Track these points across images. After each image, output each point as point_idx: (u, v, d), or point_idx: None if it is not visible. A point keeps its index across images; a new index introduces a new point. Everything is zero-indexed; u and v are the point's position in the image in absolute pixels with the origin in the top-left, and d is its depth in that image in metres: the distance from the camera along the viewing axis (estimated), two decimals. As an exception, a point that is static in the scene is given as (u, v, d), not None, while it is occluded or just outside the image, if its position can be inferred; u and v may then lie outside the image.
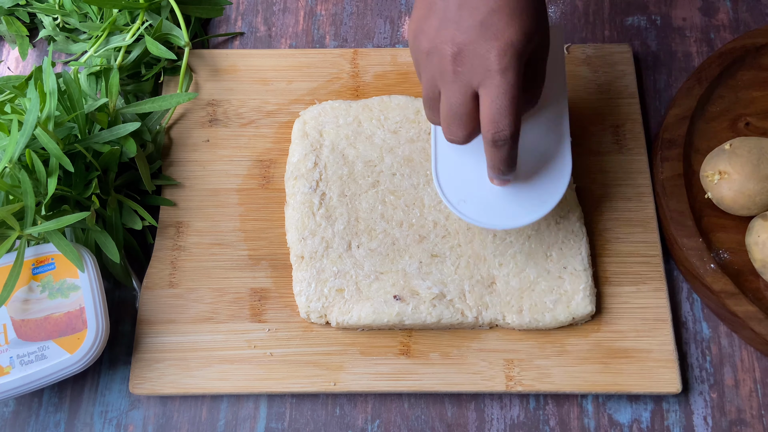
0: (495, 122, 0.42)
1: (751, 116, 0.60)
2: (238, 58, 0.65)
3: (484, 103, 0.42)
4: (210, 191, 0.60)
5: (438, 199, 0.57)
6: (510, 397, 0.55)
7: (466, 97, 0.43)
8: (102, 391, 0.56)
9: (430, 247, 0.56)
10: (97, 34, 0.63)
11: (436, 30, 0.43)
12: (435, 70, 0.44)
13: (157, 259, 0.58)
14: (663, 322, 0.55)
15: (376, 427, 0.55)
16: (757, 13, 0.67)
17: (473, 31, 0.41)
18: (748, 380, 0.55)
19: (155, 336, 0.56)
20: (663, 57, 0.66)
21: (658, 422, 0.54)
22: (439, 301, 0.54)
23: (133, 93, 0.63)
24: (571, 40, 0.67)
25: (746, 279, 0.55)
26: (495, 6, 0.41)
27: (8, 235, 0.51)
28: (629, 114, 0.62)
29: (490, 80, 0.41)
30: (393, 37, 0.68)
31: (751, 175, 0.55)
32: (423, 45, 0.44)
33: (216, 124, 0.63)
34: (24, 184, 0.50)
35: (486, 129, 0.43)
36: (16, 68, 0.68)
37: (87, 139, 0.56)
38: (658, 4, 0.68)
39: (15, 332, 0.51)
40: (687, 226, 0.56)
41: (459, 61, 0.42)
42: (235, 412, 0.55)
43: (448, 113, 0.44)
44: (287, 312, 0.56)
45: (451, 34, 0.42)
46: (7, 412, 0.56)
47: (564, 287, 0.54)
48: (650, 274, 0.57)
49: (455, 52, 0.42)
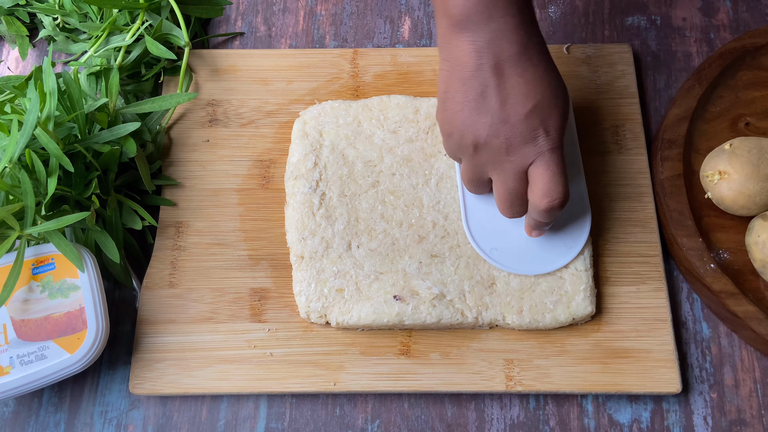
0: (551, 193, 0.47)
1: (751, 116, 0.60)
2: (238, 58, 0.65)
3: (537, 179, 0.48)
4: (210, 191, 0.60)
5: (437, 199, 0.57)
6: (510, 397, 0.55)
7: (521, 177, 0.48)
8: (102, 391, 0.56)
9: (430, 248, 0.56)
10: (97, 34, 0.63)
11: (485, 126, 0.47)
12: (485, 161, 0.49)
13: (157, 259, 0.58)
14: (663, 322, 0.55)
15: (376, 427, 0.55)
16: (757, 13, 0.67)
17: (521, 125, 0.46)
18: (748, 380, 0.55)
19: (155, 336, 0.56)
20: (663, 57, 0.66)
21: (658, 422, 0.54)
22: (439, 301, 0.54)
23: (133, 93, 0.63)
24: (571, 40, 0.67)
25: (746, 279, 0.55)
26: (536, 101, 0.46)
27: (8, 235, 0.51)
28: (629, 114, 0.62)
29: (542, 159, 0.47)
30: (393, 37, 0.68)
31: (751, 175, 0.55)
32: (467, 139, 0.48)
33: (216, 124, 0.63)
34: (24, 184, 0.50)
35: (541, 200, 0.48)
36: (16, 68, 0.68)
37: (87, 139, 0.56)
38: (658, 4, 0.68)
39: (15, 332, 0.51)
40: (687, 226, 0.56)
41: (511, 152, 0.47)
42: (235, 412, 0.55)
43: (507, 196, 0.49)
44: (287, 312, 0.56)
45: (500, 129, 0.47)
46: (7, 412, 0.56)
47: (564, 288, 0.54)
48: (650, 274, 0.57)
49: (508, 146, 0.47)
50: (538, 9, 0.68)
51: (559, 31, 0.67)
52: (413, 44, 0.67)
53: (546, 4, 0.69)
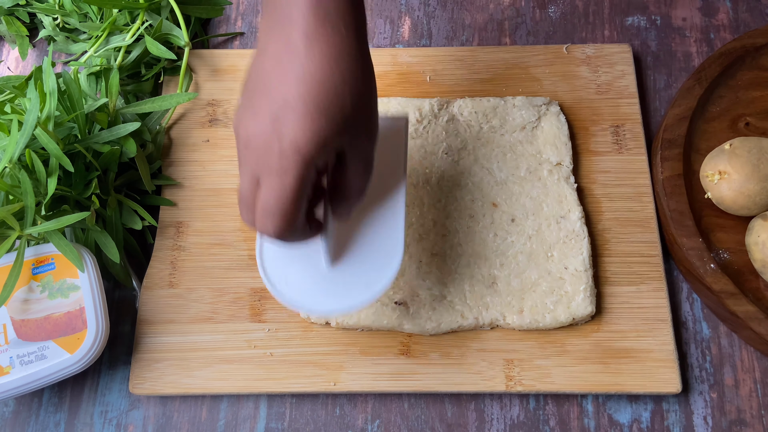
0: (261, 221, 0.40)
1: (751, 116, 0.60)
2: (238, 58, 0.65)
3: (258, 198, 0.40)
4: (210, 191, 0.60)
5: (437, 198, 0.57)
6: (510, 397, 0.55)
7: (252, 185, 0.40)
8: (102, 391, 0.56)
9: (430, 246, 0.56)
10: (97, 34, 0.63)
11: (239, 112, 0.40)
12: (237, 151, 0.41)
13: (157, 259, 0.58)
14: (663, 322, 0.55)
15: (376, 427, 0.55)
16: (757, 13, 0.67)
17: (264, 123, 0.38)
18: (748, 380, 0.55)
19: (155, 336, 0.56)
20: (663, 57, 0.66)
21: (658, 422, 0.54)
22: (439, 303, 0.54)
23: (133, 93, 0.63)
24: (571, 40, 0.67)
25: (746, 279, 0.55)
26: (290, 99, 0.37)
27: (8, 235, 0.51)
28: (629, 114, 0.62)
29: (267, 178, 0.38)
30: (393, 37, 0.68)
31: (751, 175, 0.55)
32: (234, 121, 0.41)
33: (216, 124, 0.63)
34: (24, 184, 0.50)
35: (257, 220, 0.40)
36: (16, 68, 0.68)
37: (87, 139, 0.56)
38: (658, 4, 0.68)
39: (15, 332, 0.51)
40: (687, 226, 0.56)
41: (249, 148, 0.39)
42: (235, 412, 0.55)
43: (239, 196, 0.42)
44: (287, 312, 0.56)
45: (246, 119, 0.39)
46: (7, 412, 0.56)
47: (565, 288, 0.54)
48: (650, 274, 0.57)
49: (246, 139, 0.39)
50: (539, 9, 0.68)
51: (559, 31, 0.67)
52: (413, 44, 0.67)
53: (546, 4, 0.69)
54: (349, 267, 0.48)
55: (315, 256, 0.47)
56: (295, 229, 0.40)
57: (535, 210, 0.57)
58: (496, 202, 0.57)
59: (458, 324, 0.54)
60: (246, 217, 0.42)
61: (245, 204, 0.41)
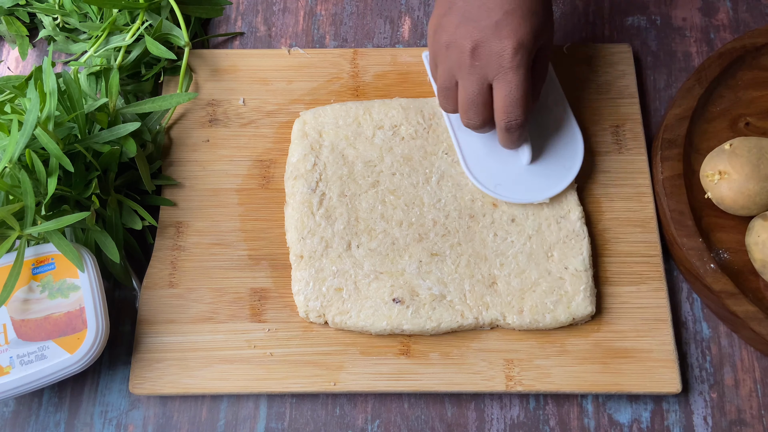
0: (508, 112, 0.48)
1: (751, 116, 0.60)
2: (238, 58, 0.65)
3: (498, 95, 0.48)
4: (210, 191, 0.60)
5: (437, 197, 0.57)
6: (510, 397, 0.55)
7: (482, 87, 0.48)
8: (102, 391, 0.56)
9: (430, 246, 0.56)
10: (97, 34, 0.63)
11: (456, 26, 0.48)
12: (453, 62, 0.49)
13: (157, 259, 0.58)
14: (663, 322, 0.55)
15: (376, 427, 0.55)
16: (757, 13, 0.67)
17: (489, 30, 0.46)
18: (748, 380, 0.55)
19: (155, 336, 0.56)
20: (663, 57, 0.66)
21: (658, 422, 0.54)
22: (439, 302, 0.54)
23: (133, 93, 0.63)
24: (571, 40, 0.67)
25: (746, 279, 0.55)
26: (509, 8, 0.46)
27: (8, 235, 0.51)
28: (629, 114, 0.62)
29: (504, 75, 0.47)
30: (393, 37, 0.68)
31: (751, 175, 0.55)
32: (443, 39, 0.49)
33: (216, 124, 0.63)
34: (24, 184, 0.50)
35: (500, 118, 0.49)
36: (16, 68, 0.68)
37: (87, 139, 0.56)
38: (658, 4, 0.68)
39: (15, 332, 0.51)
40: (687, 226, 0.56)
41: (476, 56, 0.47)
42: (235, 412, 0.55)
43: (465, 101, 0.50)
44: (287, 312, 0.56)
45: (469, 30, 0.47)
46: (7, 412, 0.56)
47: (565, 288, 0.54)
48: (650, 274, 0.57)
49: (473, 47, 0.47)
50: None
51: (559, 31, 0.67)
52: (413, 44, 0.67)
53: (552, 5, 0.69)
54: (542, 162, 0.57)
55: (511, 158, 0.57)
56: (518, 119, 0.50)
57: (535, 210, 0.57)
58: (496, 202, 0.57)
59: (458, 324, 0.54)
60: (448, 107, 0.52)
61: (445, 96, 0.52)
